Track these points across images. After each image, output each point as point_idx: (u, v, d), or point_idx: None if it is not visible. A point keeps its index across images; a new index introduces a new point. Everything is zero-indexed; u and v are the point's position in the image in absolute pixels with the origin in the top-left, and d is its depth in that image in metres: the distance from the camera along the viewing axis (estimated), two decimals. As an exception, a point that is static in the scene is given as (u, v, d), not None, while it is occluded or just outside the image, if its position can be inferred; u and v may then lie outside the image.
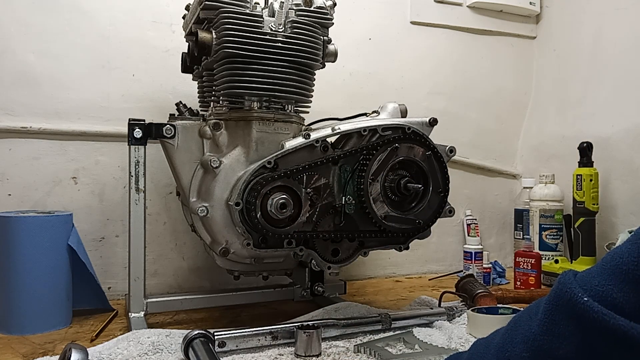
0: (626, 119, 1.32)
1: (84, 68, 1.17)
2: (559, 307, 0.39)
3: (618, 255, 0.38)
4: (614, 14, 1.38)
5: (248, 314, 1.08)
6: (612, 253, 0.39)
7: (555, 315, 0.40)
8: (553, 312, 0.40)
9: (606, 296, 0.37)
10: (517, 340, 0.42)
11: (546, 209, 1.39)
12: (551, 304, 0.40)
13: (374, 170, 0.91)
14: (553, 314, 0.40)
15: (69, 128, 1.15)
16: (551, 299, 0.41)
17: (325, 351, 0.81)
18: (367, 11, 1.45)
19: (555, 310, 0.40)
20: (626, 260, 0.37)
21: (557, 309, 0.40)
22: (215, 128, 0.89)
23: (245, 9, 0.90)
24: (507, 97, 1.63)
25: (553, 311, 0.40)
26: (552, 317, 0.40)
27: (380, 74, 1.46)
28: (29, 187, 1.13)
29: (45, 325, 0.93)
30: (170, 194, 1.23)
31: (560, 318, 0.39)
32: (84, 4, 1.17)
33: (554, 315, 0.40)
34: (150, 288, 1.09)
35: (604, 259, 0.40)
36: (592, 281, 0.38)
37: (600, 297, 0.37)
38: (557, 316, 0.39)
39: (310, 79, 0.96)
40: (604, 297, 0.37)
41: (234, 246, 0.91)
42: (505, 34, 1.62)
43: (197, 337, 0.76)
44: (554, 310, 0.40)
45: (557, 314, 0.39)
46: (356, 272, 1.41)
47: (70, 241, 0.97)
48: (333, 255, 0.94)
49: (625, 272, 0.37)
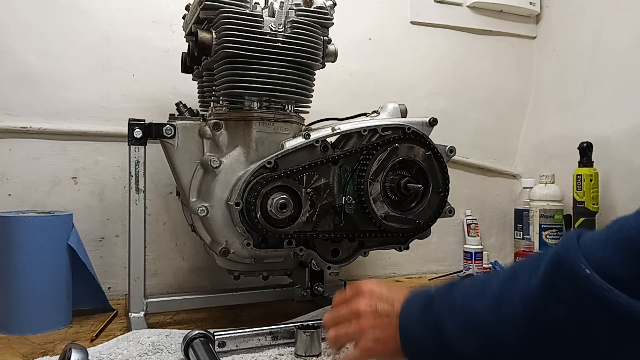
0: (626, 119, 1.32)
1: (84, 68, 1.17)
2: (560, 272, 0.39)
3: (625, 228, 0.38)
4: (614, 14, 1.38)
5: (248, 314, 1.08)
6: (620, 224, 0.39)
7: (555, 279, 0.40)
8: (554, 275, 0.40)
9: (609, 269, 0.37)
10: (515, 292, 0.43)
11: (546, 209, 1.39)
12: (553, 267, 0.40)
13: (374, 170, 0.91)
14: (553, 277, 0.40)
15: (69, 128, 1.15)
16: (553, 263, 0.40)
17: (325, 351, 0.81)
18: (367, 11, 1.45)
19: (556, 275, 0.40)
20: (633, 235, 0.37)
21: (558, 273, 0.39)
22: (215, 128, 0.89)
23: (245, 9, 0.90)
24: (507, 97, 1.63)
25: (554, 275, 0.40)
26: (552, 281, 0.40)
27: (380, 74, 1.46)
28: (29, 187, 1.13)
29: (45, 325, 0.93)
30: (170, 194, 1.23)
31: (560, 283, 0.39)
32: (84, 4, 1.17)
33: (554, 279, 0.40)
34: (150, 288, 1.09)
35: (610, 227, 0.40)
36: (597, 251, 0.38)
37: (603, 270, 0.37)
38: (557, 280, 0.39)
39: (310, 79, 0.96)
40: (606, 270, 0.37)
41: (234, 246, 0.91)
42: (505, 34, 1.62)
43: (197, 337, 0.76)
44: (555, 274, 0.40)
45: (557, 278, 0.39)
46: (356, 272, 1.41)
47: (70, 241, 0.97)
48: (333, 255, 0.94)
49: (630, 247, 0.37)
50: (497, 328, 0.43)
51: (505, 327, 0.43)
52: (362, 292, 0.61)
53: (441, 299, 0.50)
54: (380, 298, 0.58)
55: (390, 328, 0.54)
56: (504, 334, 0.43)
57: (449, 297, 0.50)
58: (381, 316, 0.56)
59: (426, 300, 0.52)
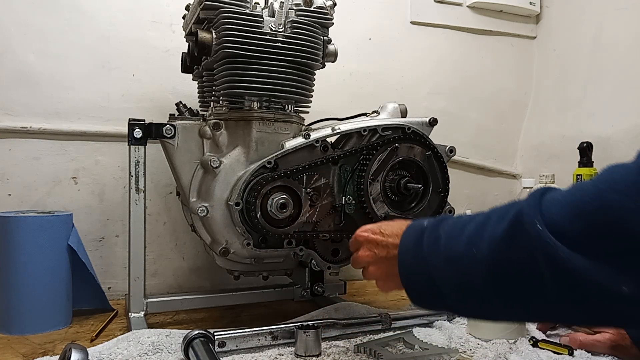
0: (626, 119, 1.32)
1: (84, 68, 1.17)
2: (520, 225, 0.45)
3: (580, 190, 0.44)
4: (614, 14, 1.38)
5: (248, 314, 1.08)
6: (577, 186, 0.45)
7: (516, 231, 0.46)
8: (515, 227, 0.46)
9: (558, 226, 0.43)
10: (484, 237, 0.49)
11: (546, 209, 1.38)
12: (515, 220, 0.46)
13: (374, 170, 0.91)
14: (514, 229, 0.46)
15: (69, 128, 1.15)
16: (517, 216, 0.46)
17: (325, 351, 0.81)
18: (367, 11, 1.45)
19: (517, 227, 0.46)
20: (583, 198, 0.42)
21: (519, 226, 0.46)
22: (215, 128, 0.89)
23: (245, 9, 0.90)
24: (507, 97, 1.63)
25: (515, 227, 0.46)
26: (513, 232, 0.46)
27: (380, 74, 1.46)
28: (29, 187, 1.13)
29: (45, 325, 0.93)
30: (170, 194, 1.23)
31: (518, 234, 0.45)
32: (84, 4, 1.17)
33: (515, 231, 0.46)
34: (150, 288, 1.09)
35: (570, 188, 0.46)
36: (552, 209, 0.44)
37: (553, 227, 0.43)
38: (516, 232, 0.46)
39: (310, 79, 0.96)
40: (556, 227, 0.43)
41: (234, 246, 0.91)
42: (505, 34, 1.62)
43: (197, 337, 0.76)
44: (516, 226, 0.46)
45: (517, 230, 0.46)
46: (356, 272, 1.41)
47: (70, 241, 0.97)
48: (333, 255, 0.94)
49: (579, 208, 0.42)
50: (468, 266, 0.50)
51: (474, 266, 0.49)
52: (360, 243, 0.69)
53: (430, 236, 0.57)
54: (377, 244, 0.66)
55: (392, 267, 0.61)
56: (473, 272, 0.49)
57: (436, 234, 0.56)
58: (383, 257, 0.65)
59: (419, 235, 0.58)
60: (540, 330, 0.89)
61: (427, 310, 0.97)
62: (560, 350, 0.80)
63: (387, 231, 0.65)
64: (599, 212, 0.41)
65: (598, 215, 0.41)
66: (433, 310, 0.59)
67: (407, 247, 0.59)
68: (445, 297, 0.54)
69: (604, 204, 0.41)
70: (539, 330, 0.90)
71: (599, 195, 0.41)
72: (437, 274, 0.54)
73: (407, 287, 0.59)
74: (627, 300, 0.40)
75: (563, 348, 0.80)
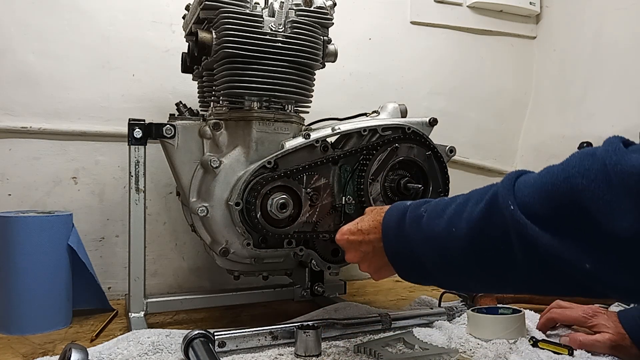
0: (626, 119, 1.32)
1: (84, 68, 1.17)
2: (495, 205, 0.50)
3: (549, 173, 0.46)
4: (614, 14, 1.38)
5: (248, 314, 1.08)
6: (547, 169, 0.47)
7: (491, 210, 0.50)
8: (490, 207, 0.50)
9: (529, 207, 0.46)
10: (463, 217, 0.53)
11: (546, 209, 1.38)
12: (491, 200, 0.50)
13: (374, 170, 0.91)
14: (490, 208, 0.50)
15: (69, 128, 1.15)
16: (493, 196, 0.50)
17: (325, 351, 0.81)
18: (367, 11, 1.45)
19: (492, 206, 0.50)
20: (552, 180, 0.45)
21: (494, 206, 0.50)
22: (215, 128, 0.89)
23: (245, 9, 0.90)
24: (507, 97, 1.63)
25: (491, 206, 0.50)
26: (490, 211, 0.50)
27: (380, 74, 1.46)
28: (29, 187, 1.13)
29: (45, 325, 0.93)
30: (170, 194, 1.23)
31: (494, 213, 0.50)
32: (84, 4, 1.17)
33: (491, 210, 0.50)
34: (150, 288, 1.09)
35: (541, 171, 0.48)
36: (524, 190, 0.48)
37: (524, 207, 0.47)
38: (492, 211, 0.50)
39: (310, 79, 0.96)
40: (527, 207, 0.47)
41: (234, 246, 0.91)
42: (505, 34, 1.62)
43: (197, 337, 0.76)
44: (492, 206, 0.50)
45: (493, 209, 0.50)
46: (356, 272, 1.41)
47: (70, 241, 0.97)
48: (333, 255, 0.94)
49: (548, 189, 0.45)
50: (448, 242, 0.55)
51: (453, 242, 0.54)
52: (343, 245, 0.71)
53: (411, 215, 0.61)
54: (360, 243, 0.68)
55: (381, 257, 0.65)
56: (454, 249, 0.54)
57: (418, 213, 0.60)
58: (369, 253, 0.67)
59: (401, 215, 0.62)
60: (540, 330, 0.89)
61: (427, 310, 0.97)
62: (560, 350, 0.80)
63: (365, 227, 0.67)
64: (566, 195, 0.44)
65: (565, 197, 0.44)
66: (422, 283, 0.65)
67: (389, 227, 0.63)
68: (430, 272, 0.59)
69: (571, 187, 0.44)
70: (539, 330, 0.90)
71: (567, 179, 0.44)
72: (420, 251, 0.58)
73: (395, 266, 0.64)
74: (588, 276, 0.43)
75: (563, 348, 0.80)
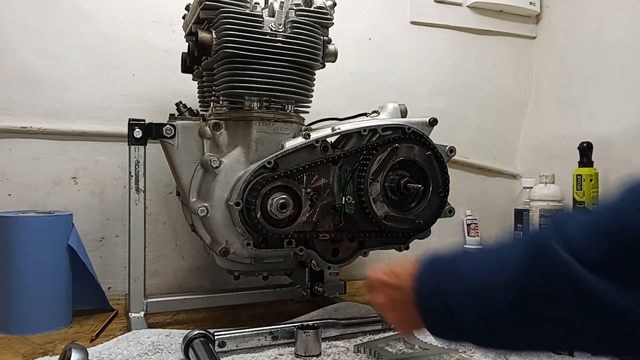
0: (626, 119, 1.32)
1: (84, 68, 1.17)
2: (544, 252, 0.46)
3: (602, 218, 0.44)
4: (614, 14, 1.38)
5: (248, 314, 1.08)
6: (598, 210, 0.46)
7: (540, 258, 0.46)
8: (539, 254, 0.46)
9: (583, 253, 0.42)
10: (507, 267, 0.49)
11: (546, 209, 1.38)
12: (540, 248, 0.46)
13: (374, 170, 0.91)
14: (539, 255, 0.46)
15: (69, 128, 1.15)
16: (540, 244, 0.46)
17: (325, 351, 0.81)
18: (367, 11, 1.45)
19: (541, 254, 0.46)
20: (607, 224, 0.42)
21: (542, 253, 0.46)
22: (215, 128, 0.89)
23: (245, 9, 0.90)
24: (507, 97, 1.63)
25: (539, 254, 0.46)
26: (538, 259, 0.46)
27: (380, 74, 1.46)
28: (29, 187, 1.13)
29: (45, 325, 0.93)
30: (170, 194, 1.23)
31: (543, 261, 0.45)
32: (84, 4, 1.17)
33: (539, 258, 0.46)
34: (150, 288, 1.09)
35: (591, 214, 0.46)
36: (576, 237, 0.44)
37: (578, 254, 0.43)
38: (541, 259, 0.46)
39: (310, 79, 0.96)
40: (581, 253, 0.42)
41: (234, 246, 0.91)
42: (505, 34, 1.61)
43: (197, 337, 0.76)
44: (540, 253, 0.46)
45: (541, 257, 0.46)
46: (356, 272, 1.41)
47: (70, 241, 0.97)
48: (333, 255, 0.94)
49: (603, 234, 0.42)
50: (491, 296, 0.50)
51: (497, 295, 0.49)
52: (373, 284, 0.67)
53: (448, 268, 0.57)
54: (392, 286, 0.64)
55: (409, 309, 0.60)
56: (496, 302, 0.50)
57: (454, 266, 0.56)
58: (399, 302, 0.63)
59: (437, 268, 0.59)
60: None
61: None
62: (560, 350, 0.80)
63: (399, 271, 0.64)
64: (621, 233, 0.40)
65: (620, 236, 0.40)
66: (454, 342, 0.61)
67: (424, 282, 0.59)
68: (467, 328, 0.53)
69: (625, 224, 0.40)
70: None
71: (619, 216, 0.41)
72: (457, 305, 0.53)
73: (427, 322, 0.58)
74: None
75: (563, 348, 0.80)
